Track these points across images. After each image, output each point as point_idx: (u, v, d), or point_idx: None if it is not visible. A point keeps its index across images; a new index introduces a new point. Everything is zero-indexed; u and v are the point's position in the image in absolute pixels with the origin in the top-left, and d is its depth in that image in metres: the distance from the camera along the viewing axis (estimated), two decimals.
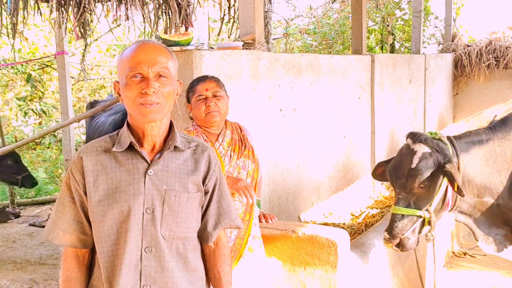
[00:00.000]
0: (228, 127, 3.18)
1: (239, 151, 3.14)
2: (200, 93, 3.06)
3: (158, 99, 1.95)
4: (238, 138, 3.18)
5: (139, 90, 1.93)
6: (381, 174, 3.88)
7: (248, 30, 4.35)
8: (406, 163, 3.44)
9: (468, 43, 10.29)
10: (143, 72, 1.94)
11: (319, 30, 11.74)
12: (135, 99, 1.94)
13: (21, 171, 6.80)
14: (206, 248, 2.16)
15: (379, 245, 3.91)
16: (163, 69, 1.97)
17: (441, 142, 3.51)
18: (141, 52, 1.98)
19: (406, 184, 3.43)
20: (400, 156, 3.54)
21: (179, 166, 2.04)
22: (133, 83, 1.94)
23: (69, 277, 2.06)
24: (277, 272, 3.46)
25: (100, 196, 1.98)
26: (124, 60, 1.99)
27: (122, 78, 1.98)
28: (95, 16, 6.88)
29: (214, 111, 3.02)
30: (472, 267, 5.51)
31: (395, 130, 7.25)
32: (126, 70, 1.96)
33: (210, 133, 3.13)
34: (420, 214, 3.41)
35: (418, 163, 3.37)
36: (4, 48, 11.56)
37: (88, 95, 13.55)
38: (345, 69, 5.74)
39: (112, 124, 5.82)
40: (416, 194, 3.41)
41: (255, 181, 3.21)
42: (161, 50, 2.01)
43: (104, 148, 2.04)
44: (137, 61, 1.95)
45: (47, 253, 5.92)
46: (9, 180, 6.85)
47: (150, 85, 1.92)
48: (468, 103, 10.17)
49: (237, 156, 3.12)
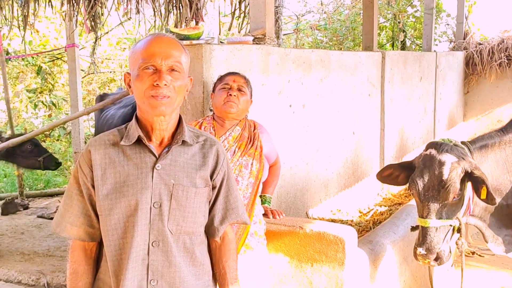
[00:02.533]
0: (240, 123, 3.17)
1: (245, 148, 3.12)
2: (227, 82, 3.12)
3: (170, 92, 1.94)
4: (247, 136, 3.16)
5: (151, 82, 1.92)
6: (386, 177, 3.78)
7: (259, 25, 4.33)
8: (435, 174, 3.32)
9: (480, 41, 10.22)
10: (156, 64, 1.93)
11: (330, 26, 11.70)
12: (146, 91, 1.93)
13: (41, 153, 6.72)
14: (213, 243, 2.16)
15: (386, 243, 3.90)
16: (176, 63, 1.96)
17: (460, 148, 3.45)
18: (156, 44, 1.97)
19: (438, 196, 3.30)
20: (426, 168, 3.39)
21: (187, 161, 2.03)
22: (145, 75, 1.93)
23: (76, 270, 2.06)
24: (283, 268, 3.45)
25: (107, 190, 1.97)
26: (137, 52, 1.98)
27: (134, 69, 1.97)
28: (106, 9, 6.89)
29: (233, 101, 3.05)
30: (480, 266, 5.47)
31: (405, 127, 7.22)
32: (139, 61, 1.95)
33: (221, 127, 3.12)
34: (451, 224, 3.33)
35: (449, 174, 3.26)
36: (15, 40, 11.59)
37: (98, 88, 13.58)
38: (355, 65, 5.71)
39: (122, 117, 5.82)
40: (448, 204, 3.32)
41: (259, 181, 3.18)
42: (175, 44, 2.01)
43: (113, 141, 2.03)
44: (151, 53, 1.94)
45: (55, 245, 5.95)
46: (31, 165, 6.73)
47: (163, 78, 1.92)
48: (479, 101, 10.11)
49: (241, 154, 3.10)
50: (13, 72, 12.34)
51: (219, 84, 3.16)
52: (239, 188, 3.06)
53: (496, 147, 3.60)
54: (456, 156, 3.32)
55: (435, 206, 3.33)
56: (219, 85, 3.15)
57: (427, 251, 3.32)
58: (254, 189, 3.14)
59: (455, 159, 3.30)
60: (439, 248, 3.31)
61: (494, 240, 3.74)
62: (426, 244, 3.32)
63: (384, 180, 3.85)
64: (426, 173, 3.39)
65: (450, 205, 3.33)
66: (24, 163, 6.79)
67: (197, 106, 3.66)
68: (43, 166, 6.75)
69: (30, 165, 6.77)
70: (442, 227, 3.33)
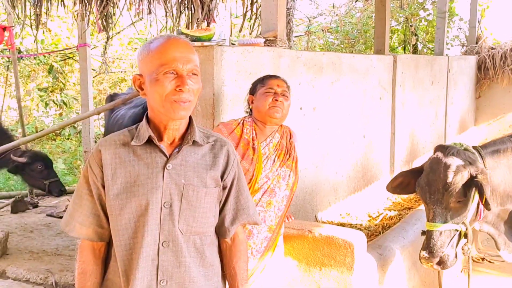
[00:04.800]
0: (279, 130, 3.15)
1: (284, 158, 3.09)
2: (271, 86, 3.07)
3: (191, 97, 1.95)
4: (285, 145, 3.14)
5: (173, 87, 1.92)
6: (397, 186, 3.74)
7: (270, 27, 4.32)
8: (440, 177, 3.30)
9: (492, 45, 10.17)
10: (177, 69, 1.93)
11: (342, 28, 11.69)
12: (167, 96, 1.93)
13: (50, 176, 6.78)
14: (223, 244, 2.15)
15: (395, 248, 3.87)
16: (195, 67, 1.97)
17: (469, 152, 3.42)
18: (175, 48, 1.96)
19: (442, 200, 3.29)
20: (432, 171, 3.38)
21: (198, 161, 2.03)
22: (167, 80, 1.92)
23: (85, 270, 2.06)
24: (292, 272, 3.43)
25: (118, 190, 1.97)
26: (154, 55, 1.96)
27: (151, 73, 1.95)
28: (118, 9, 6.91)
29: (279, 107, 3.02)
30: (490, 272, 5.43)
31: (416, 131, 7.18)
32: (157, 66, 1.93)
33: (261, 131, 3.10)
34: (457, 228, 3.30)
35: (453, 177, 3.25)
36: (27, 39, 11.66)
37: (109, 88, 13.64)
38: (366, 68, 5.69)
39: (132, 118, 5.84)
40: (452, 208, 3.30)
41: (293, 194, 3.15)
42: (191, 47, 2.02)
43: (123, 141, 2.03)
44: (172, 58, 1.93)
45: (63, 244, 5.96)
46: (36, 184, 6.84)
47: (186, 83, 1.92)
48: (491, 106, 10.05)
49: (280, 164, 3.07)
50: (24, 70, 12.42)
51: (261, 88, 3.09)
52: (275, 199, 3.04)
53: (508, 153, 3.57)
54: (462, 160, 3.30)
55: (440, 210, 3.33)
56: (262, 88, 3.08)
57: (430, 254, 3.31)
58: (289, 201, 3.12)
59: (461, 163, 3.28)
60: (443, 252, 3.29)
61: (506, 248, 3.71)
62: (430, 247, 3.31)
63: (394, 191, 3.81)
64: (432, 176, 3.38)
65: (455, 209, 3.30)
66: (30, 181, 6.89)
67: (207, 107, 3.65)
68: (47, 189, 6.81)
69: (35, 184, 6.88)
70: (446, 231, 3.31)
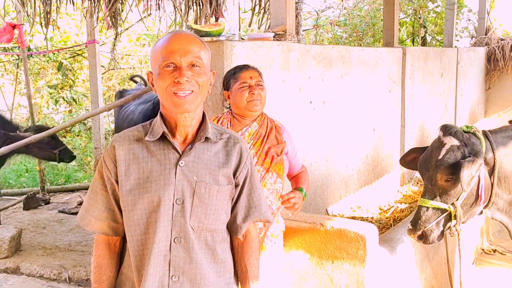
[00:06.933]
0: (258, 120, 3.12)
1: (260, 147, 3.05)
2: (245, 80, 3.03)
3: (192, 87, 1.95)
4: (263, 134, 3.11)
5: (172, 79, 1.93)
6: (410, 161, 3.82)
7: (279, 21, 4.32)
8: (434, 155, 3.41)
9: (502, 36, 10.10)
10: (175, 62, 1.94)
11: (350, 22, 11.64)
12: (167, 88, 1.94)
13: (57, 146, 6.83)
14: (235, 241, 2.16)
15: (407, 240, 3.87)
16: (195, 58, 1.97)
17: (475, 136, 3.45)
18: (174, 41, 1.98)
19: (433, 177, 3.40)
20: (431, 148, 3.50)
21: (211, 158, 2.04)
22: (166, 73, 1.94)
23: (100, 264, 2.08)
24: (304, 265, 3.44)
25: (131, 185, 1.99)
26: (157, 51, 1.99)
27: (155, 68, 1.99)
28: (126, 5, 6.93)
29: (257, 99, 3.00)
30: (502, 264, 5.42)
31: (425, 124, 7.16)
32: (159, 60, 1.96)
33: (239, 122, 3.10)
34: (445, 208, 3.36)
35: (444, 155, 3.33)
36: (37, 36, 11.70)
37: (118, 84, 13.67)
38: (376, 61, 5.68)
39: (142, 113, 5.86)
40: (442, 187, 3.37)
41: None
42: (194, 39, 2.01)
43: (137, 137, 2.05)
44: (170, 51, 1.95)
45: (76, 240, 6.01)
46: (47, 156, 6.88)
47: (183, 74, 1.92)
48: (501, 97, 10.00)
49: (255, 152, 3.04)
50: (34, 68, 12.47)
51: (234, 83, 3.05)
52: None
53: None
54: (459, 140, 3.35)
55: (430, 187, 3.44)
56: (235, 83, 3.04)
57: (413, 227, 3.44)
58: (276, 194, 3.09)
59: (456, 143, 3.34)
60: (426, 227, 3.40)
61: None
62: (414, 220, 3.45)
63: (407, 165, 3.90)
64: (428, 154, 3.50)
65: (444, 188, 3.38)
66: (40, 155, 6.89)
67: (217, 102, 3.66)
68: (58, 159, 6.86)
69: (46, 156, 6.90)
70: (434, 209, 3.40)
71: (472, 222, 3.86)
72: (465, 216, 3.45)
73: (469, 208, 3.44)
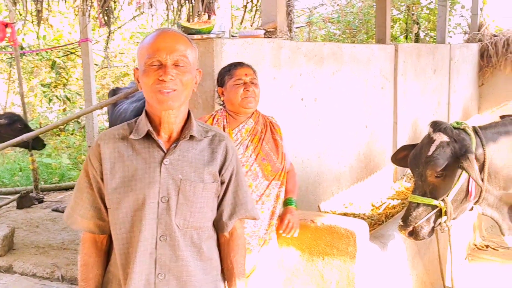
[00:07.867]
0: (253, 116, 3.14)
1: (258, 143, 3.09)
2: (239, 77, 3.03)
3: (176, 86, 1.95)
4: (260, 130, 3.13)
5: (156, 77, 1.93)
6: (401, 159, 3.84)
7: (270, 18, 4.32)
8: (424, 151, 3.42)
9: (494, 33, 10.13)
10: (161, 59, 1.94)
11: (343, 18, 11.66)
12: (152, 86, 1.95)
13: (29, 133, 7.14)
14: (221, 238, 2.16)
15: (398, 237, 3.88)
16: (181, 56, 1.97)
17: (464, 132, 3.46)
18: (160, 39, 1.98)
19: (422, 173, 3.42)
20: (420, 145, 3.52)
21: (195, 156, 2.04)
22: (151, 70, 1.95)
23: (87, 262, 2.09)
24: (295, 262, 3.45)
25: (116, 184, 1.99)
26: (143, 48, 2.00)
27: (141, 65, 1.99)
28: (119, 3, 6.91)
29: (251, 96, 3.01)
30: (494, 260, 5.44)
31: (418, 120, 7.17)
32: (145, 57, 1.96)
33: (234, 119, 3.10)
34: (436, 204, 3.38)
35: (433, 152, 3.35)
36: (29, 35, 11.67)
37: (112, 82, 13.65)
38: (368, 58, 5.68)
39: (134, 111, 5.86)
40: (432, 183, 3.38)
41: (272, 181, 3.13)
42: (180, 38, 2.01)
43: (122, 135, 2.05)
44: (156, 49, 1.95)
45: (69, 238, 6.00)
46: (20, 144, 7.23)
47: (168, 72, 1.93)
48: (494, 94, 10.02)
49: (253, 149, 3.09)
50: (27, 66, 12.45)
51: (229, 80, 3.06)
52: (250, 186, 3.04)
53: (511, 136, 3.58)
54: (448, 136, 3.36)
55: (420, 183, 3.47)
56: (230, 80, 3.05)
57: (404, 223, 3.46)
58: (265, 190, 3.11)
59: (446, 139, 3.36)
60: (416, 223, 3.42)
61: (510, 233, 3.72)
62: (405, 217, 3.47)
63: (399, 163, 3.92)
64: (418, 150, 3.52)
65: (434, 184, 3.40)
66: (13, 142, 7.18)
67: (208, 100, 3.66)
68: (30, 147, 7.26)
69: (19, 143, 7.21)
70: (424, 205, 3.42)
71: (464, 218, 3.88)
72: (456, 212, 3.47)
73: (459, 204, 3.46)
